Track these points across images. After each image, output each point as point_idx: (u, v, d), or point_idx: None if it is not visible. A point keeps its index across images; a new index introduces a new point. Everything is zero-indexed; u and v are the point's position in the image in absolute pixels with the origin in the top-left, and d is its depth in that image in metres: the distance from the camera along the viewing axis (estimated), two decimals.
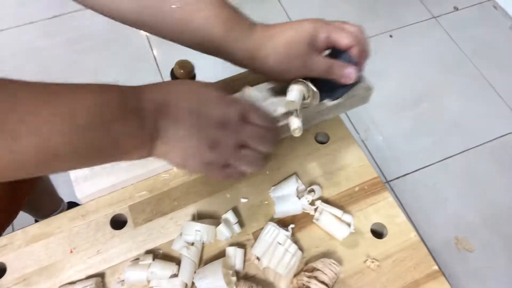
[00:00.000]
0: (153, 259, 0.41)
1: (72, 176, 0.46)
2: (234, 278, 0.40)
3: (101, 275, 0.42)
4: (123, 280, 0.41)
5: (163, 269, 0.40)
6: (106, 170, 0.46)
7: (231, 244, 0.43)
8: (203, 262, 0.42)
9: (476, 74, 1.65)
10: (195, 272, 0.40)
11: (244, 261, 0.42)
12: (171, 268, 0.40)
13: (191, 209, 0.46)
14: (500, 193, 1.36)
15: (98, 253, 0.43)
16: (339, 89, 0.45)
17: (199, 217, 0.45)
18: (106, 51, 1.57)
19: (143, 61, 1.57)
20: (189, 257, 0.41)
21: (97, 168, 0.46)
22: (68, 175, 0.46)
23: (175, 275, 0.40)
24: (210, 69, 1.63)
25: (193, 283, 0.40)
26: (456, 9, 1.86)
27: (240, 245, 0.43)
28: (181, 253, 0.41)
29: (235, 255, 0.42)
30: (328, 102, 0.47)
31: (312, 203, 0.45)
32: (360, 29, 0.43)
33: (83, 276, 0.42)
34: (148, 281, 0.40)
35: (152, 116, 0.33)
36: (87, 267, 0.42)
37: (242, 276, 0.41)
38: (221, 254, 0.43)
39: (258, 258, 0.41)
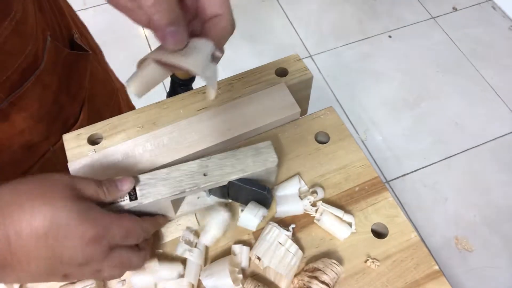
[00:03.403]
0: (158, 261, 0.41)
1: (70, 171, 0.46)
2: (240, 276, 0.40)
3: None
4: (124, 280, 0.41)
5: (169, 271, 0.40)
6: (109, 169, 0.46)
7: (236, 242, 0.43)
8: (209, 260, 0.42)
9: (475, 75, 1.65)
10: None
11: (250, 259, 0.42)
12: (177, 269, 0.40)
13: None
14: (500, 193, 1.37)
15: None
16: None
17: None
18: (105, 51, 1.58)
19: None
20: (193, 260, 0.41)
21: (96, 166, 0.46)
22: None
23: (182, 276, 0.40)
24: None
25: (200, 281, 0.40)
26: (455, 9, 1.87)
27: (246, 243, 0.43)
28: (185, 256, 0.41)
29: (241, 253, 0.42)
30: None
31: (313, 204, 0.45)
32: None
33: None
34: (156, 285, 0.40)
35: None
36: None
37: (248, 274, 0.42)
38: (226, 253, 0.43)
39: (258, 258, 0.41)
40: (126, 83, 0.32)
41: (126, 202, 0.38)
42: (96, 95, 0.62)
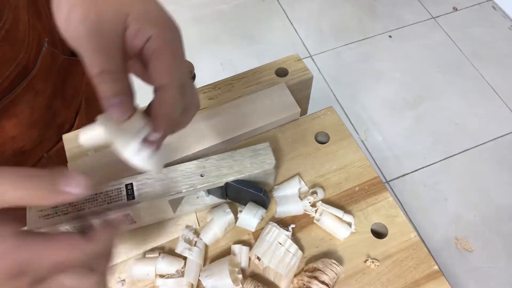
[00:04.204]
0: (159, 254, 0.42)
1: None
2: (240, 276, 0.40)
3: None
4: (124, 280, 0.41)
5: (170, 265, 0.40)
6: (109, 169, 0.46)
7: (236, 242, 0.43)
8: (208, 260, 0.42)
9: (476, 74, 1.65)
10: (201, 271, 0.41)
11: (250, 259, 0.42)
12: (178, 263, 0.41)
13: None
14: (500, 193, 1.37)
15: None
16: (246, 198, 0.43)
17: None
18: None
19: None
20: (192, 258, 0.41)
21: (96, 166, 0.46)
22: None
23: (182, 271, 0.40)
24: (210, 69, 1.64)
25: (200, 281, 0.40)
26: (455, 9, 1.87)
27: (245, 243, 0.43)
28: (185, 255, 0.41)
29: (240, 253, 0.42)
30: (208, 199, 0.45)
31: (313, 204, 0.45)
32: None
33: None
34: (156, 275, 0.40)
35: None
36: None
37: (248, 274, 0.42)
38: (226, 253, 0.43)
39: (258, 258, 0.41)
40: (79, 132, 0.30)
41: (123, 202, 0.38)
42: (96, 100, 0.62)
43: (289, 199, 0.45)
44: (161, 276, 0.41)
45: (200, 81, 0.84)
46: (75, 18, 0.26)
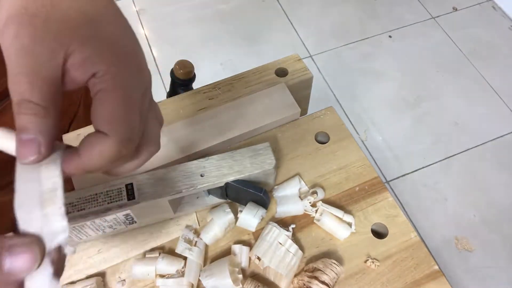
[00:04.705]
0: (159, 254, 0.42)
1: None
2: (240, 276, 0.40)
3: (101, 275, 0.42)
4: (124, 280, 0.41)
5: (170, 265, 0.40)
6: None
7: (236, 242, 0.43)
8: (208, 260, 0.42)
9: (476, 74, 1.65)
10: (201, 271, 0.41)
11: (250, 259, 0.42)
12: (178, 263, 0.41)
13: None
14: (500, 193, 1.37)
15: (99, 253, 0.43)
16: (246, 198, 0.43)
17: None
18: None
19: None
20: (193, 258, 0.41)
21: None
22: None
23: (182, 271, 0.40)
24: (210, 69, 1.64)
25: (200, 281, 0.40)
26: (455, 9, 1.87)
27: (246, 243, 0.43)
28: (185, 255, 0.41)
29: (241, 253, 0.42)
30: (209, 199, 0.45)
31: (313, 204, 0.45)
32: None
33: (84, 276, 0.42)
34: (157, 275, 0.40)
35: None
36: (87, 267, 0.42)
37: (248, 274, 0.42)
38: (226, 253, 0.43)
39: (259, 258, 0.41)
40: None
41: (124, 202, 0.38)
42: None
43: (289, 199, 0.45)
44: (161, 276, 0.41)
45: (200, 81, 0.84)
46: (8, 35, 0.22)
